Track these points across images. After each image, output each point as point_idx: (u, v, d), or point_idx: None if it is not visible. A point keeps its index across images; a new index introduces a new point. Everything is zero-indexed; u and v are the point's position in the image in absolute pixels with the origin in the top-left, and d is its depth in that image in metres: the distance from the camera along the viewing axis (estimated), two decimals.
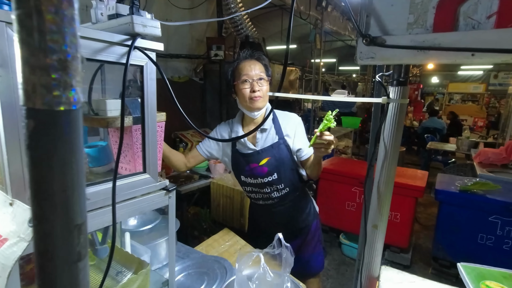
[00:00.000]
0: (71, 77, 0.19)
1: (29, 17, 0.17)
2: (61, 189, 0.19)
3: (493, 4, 0.50)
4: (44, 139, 0.18)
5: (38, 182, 0.19)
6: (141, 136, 1.00)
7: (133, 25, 0.86)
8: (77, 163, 0.20)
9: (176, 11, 3.46)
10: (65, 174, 0.19)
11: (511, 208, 2.43)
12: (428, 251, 3.25)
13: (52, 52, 0.18)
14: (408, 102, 0.70)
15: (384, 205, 0.71)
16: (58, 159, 0.19)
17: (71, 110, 0.19)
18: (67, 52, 0.18)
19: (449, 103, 11.86)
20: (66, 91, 0.19)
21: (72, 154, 0.19)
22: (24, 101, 0.18)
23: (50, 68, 0.18)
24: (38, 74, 0.18)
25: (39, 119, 0.18)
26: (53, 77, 0.18)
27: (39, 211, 0.19)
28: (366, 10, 0.61)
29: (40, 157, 0.19)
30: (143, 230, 1.68)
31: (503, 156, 3.47)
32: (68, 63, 0.18)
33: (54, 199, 0.19)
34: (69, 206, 0.20)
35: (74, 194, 0.20)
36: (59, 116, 0.19)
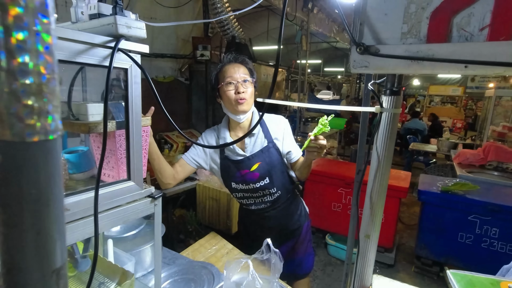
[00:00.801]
0: (46, 102, 0.16)
1: None
2: (36, 231, 0.17)
3: (486, 17, 0.50)
4: (13, 177, 0.16)
5: (8, 225, 0.16)
6: (125, 141, 0.96)
7: (116, 26, 0.81)
8: (54, 199, 0.17)
9: (161, 9, 3.38)
10: (40, 214, 0.17)
11: (489, 207, 2.53)
12: (411, 250, 3.33)
13: (23, 75, 0.15)
14: None
15: (377, 214, 0.71)
16: (31, 198, 0.16)
17: (47, 141, 0.16)
18: (42, 74, 0.16)
19: (429, 105, 12.25)
20: (41, 118, 0.16)
21: (49, 189, 0.17)
22: None
23: (21, 93, 0.15)
24: (6, 100, 0.15)
25: (7, 153, 0.15)
26: (25, 104, 0.15)
27: (9, 259, 0.16)
28: (360, 18, 0.60)
29: (8, 197, 0.16)
30: (126, 236, 1.63)
31: (481, 157, 3.60)
32: (43, 86, 0.16)
33: (27, 245, 0.16)
34: (46, 250, 0.17)
35: (52, 236, 0.17)
36: (32, 148, 0.16)
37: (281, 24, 0.66)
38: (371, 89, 0.72)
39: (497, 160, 3.50)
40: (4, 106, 0.15)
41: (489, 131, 4.50)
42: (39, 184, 0.16)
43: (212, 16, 3.63)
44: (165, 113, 0.86)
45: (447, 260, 2.80)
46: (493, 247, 2.57)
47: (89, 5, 0.87)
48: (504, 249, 2.52)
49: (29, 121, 0.16)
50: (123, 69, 0.90)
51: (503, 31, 0.49)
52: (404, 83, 0.70)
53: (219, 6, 3.48)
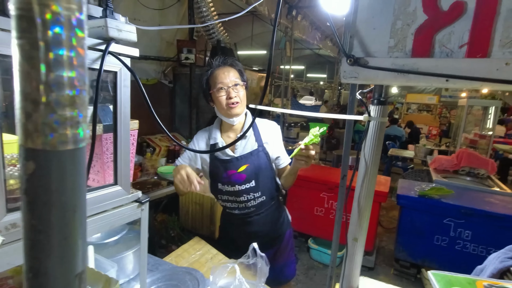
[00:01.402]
0: (78, 113, 0.17)
1: (34, 48, 0.15)
2: (62, 237, 0.17)
3: (464, 35, 0.55)
4: (44, 184, 0.16)
5: (36, 231, 0.16)
6: (113, 145, 0.94)
7: (107, 29, 0.81)
8: (81, 206, 0.18)
9: (145, 11, 3.34)
10: (67, 221, 0.17)
11: (462, 211, 2.66)
12: (390, 253, 3.43)
13: (59, 87, 0.16)
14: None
15: (364, 218, 0.74)
16: (60, 204, 0.17)
17: (76, 149, 0.17)
18: (77, 86, 0.16)
19: (407, 112, 12.73)
20: (73, 129, 0.16)
21: (76, 197, 0.17)
22: (23, 140, 0.16)
23: (56, 104, 0.16)
24: (42, 111, 0.15)
25: (40, 161, 0.16)
26: (60, 115, 0.16)
27: (36, 264, 0.16)
28: (350, 31, 0.63)
29: (38, 204, 0.16)
30: (107, 242, 1.58)
31: (454, 163, 3.78)
32: (76, 98, 0.16)
33: (53, 250, 0.17)
34: (71, 255, 0.18)
35: (76, 241, 0.18)
36: (63, 157, 0.17)
37: (272, 41, 0.68)
38: (360, 99, 0.76)
39: (469, 166, 3.69)
40: (40, 116, 0.15)
41: (462, 138, 4.74)
42: (67, 191, 0.17)
43: (197, 19, 3.63)
44: (156, 119, 0.85)
45: (424, 262, 2.91)
46: (466, 249, 2.70)
47: None
48: (476, 250, 2.66)
49: (62, 131, 0.16)
50: (112, 72, 0.88)
51: (480, 49, 0.53)
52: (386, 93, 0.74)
53: (205, 10, 3.48)
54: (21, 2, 0.14)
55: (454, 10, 0.54)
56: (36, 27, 0.15)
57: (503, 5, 0.51)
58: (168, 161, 3.41)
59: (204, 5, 3.46)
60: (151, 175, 3.11)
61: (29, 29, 0.15)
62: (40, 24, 0.15)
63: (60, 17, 0.15)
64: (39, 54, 0.15)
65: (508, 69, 0.50)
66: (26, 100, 0.15)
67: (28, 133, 0.16)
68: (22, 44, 0.15)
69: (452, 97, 11.00)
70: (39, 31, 0.15)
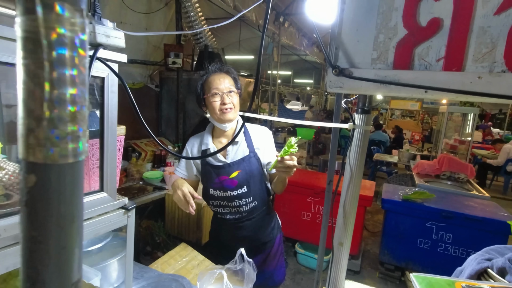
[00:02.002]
0: (78, 128, 0.17)
1: (39, 68, 0.16)
2: (60, 246, 0.18)
3: (441, 50, 0.58)
4: (44, 196, 0.17)
5: (34, 241, 0.17)
6: (99, 151, 0.93)
7: (95, 35, 0.81)
8: (78, 216, 0.18)
9: (132, 14, 3.31)
10: (65, 231, 0.18)
11: (443, 214, 2.75)
12: (375, 256, 3.49)
13: (62, 104, 0.17)
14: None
15: (349, 223, 0.76)
16: (59, 215, 0.17)
17: (76, 162, 0.18)
18: (78, 103, 0.17)
19: (391, 118, 13.07)
20: (74, 143, 0.17)
21: (74, 207, 0.18)
22: (24, 154, 0.16)
23: (59, 120, 0.17)
24: (45, 127, 0.16)
25: (41, 174, 0.17)
26: (61, 130, 0.17)
27: (34, 274, 0.17)
28: (335, 42, 0.66)
29: (38, 215, 0.17)
30: (91, 250, 1.54)
31: (436, 167, 3.91)
32: (76, 114, 0.17)
33: (51, 260, 0.17)
34: (68, 264, 0.18)
35: (73, 251, 0.18)
36: (64, 170, 0.17)
37: (260, 48, 0.70)
38: (345, 107, 0.79)
39: (450, 171, 3.82)
40: (42, 132, 0.16)
41: (443, 143, 4.91)
42: (66, 202, 0.18)
43: (185, 24, 3.62)
44: (144, 124, 0.85)
45: (408, 264, 2.98)
46: (447, 251, 2.78)
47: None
48: (457, 252, 2.75)
49: (62, 145, 0.17)
50: (99, 78, 0.88)
51: (455, 63, 0.57)
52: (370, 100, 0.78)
53: (193, 15, 3.49)
54: (28, 25, 0.15)
55: (431, 26, 0.58)
56: (42, 48, 0.15)
57: (475, 23, 0.55)
58: (154, 166, 3.36)
59: (192, 10, 3.47)
60: (136, 181, 3.06)
61: (35, 50, 0.16)
62: (46, 46, 0.15)
63: (64, 38, 0.16)
64: (44, 73, 0.16)
65: (480, 82, 0.54)
66: (29, 116, 0.16)
67: (30, 147, 0.16)
68: (27, 64, 0.16)
69: (434, 103, 11.39)
70: (44, 52, 0.16)
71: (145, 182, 3.05)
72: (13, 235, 0.63)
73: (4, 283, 0.87)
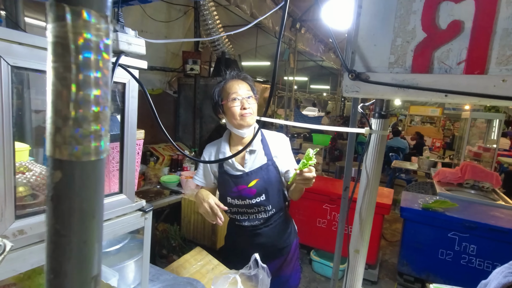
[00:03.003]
0: (101, 127, 0.18)
1: (67, 71, 0.17)
2: (82, 240, 0.19)
3: (462, 53, 0.57)
4: (68, 192, 0.18)
5: (58, 234, 0.18)
6: (119, 154, 0.96)
7: (118, 43, 0.84)
8: (99, 212, 0.19)
9: (152, 23, 3.43)
10: (87, 226, 0.19)
11: (467, 224, 2.63)
12: (394, 266, 3.38)
13: (86, 105, 0.18)
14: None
15: (366, 230, 0.75)
16: (81, 210, 0.18)
17: (98, 160, 0.19)
18: (101, 103, 0.18)
19: (410, 124, 12.73)
20: (96, 141, 0.18)
21: (95, 204, 0.19)
22: (51, 151, 0.17)
23: (83, 120, 0.18)
24: (71, 126, 0.17)
25: (66, 171, 0.18)
26: (85, 129, 0.18)
27: (57, 265, 0.18)
28: (352, 47, 0.66)
29: (63, 210, 0.18)
30: (110, 251, 1.58)
31: (458, 175, 3.76)
32: (100, 114, 0.18)
33: (73, 253, 0.18)
34: (88, 258, 0.19)
35: (93, 245, 0.19)
36: (86, 167, 0.18)
37: (276, 55, 0.71)
38: (362, 112, 0.78)
39: (473, 179, 3.66)
40: (68, 130, 0.17)
41: (465, 150, 4.72)
42: (88, 198, 0.18)
43: (203, 31, 3.71)
44: (162, 129, 0.88)
45: (428, 276, 2.86)
46: (471, 264, 2.65)
47: None
48: (482, 265, 2.62)
49: (86, 143, 0.18)
50: (121, 84, 0.91)
51: (477, 66, 0.55)
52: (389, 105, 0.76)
53: (210, 22, 3.57)
54: (58, 31, 0.16)
55: (452, 29, 0.57)
56: (70, 52, 0.17)
57: (498, 25, 0.53)
58: (171, 170, 3.42)
59: (210, 17, 3.55)
60: (154, 184, 3.12)
61: (64, 54, 0.17)
62: (74, 50, 0.17)
63: (90, 43, 0.17)
64: (71, 75, 0.17)
65: (505, 85, 0.52)
66: (57, 115, 0.17)
67: (57, 145, 0.18)
68: (56, 67, 0.17)
69: (456, 109, 11.01)
70: (72, 56, 0.17)
71: (162, 186, 3.10)
72: (38, 233, 0.66)
73: (29, 280, 0.91)
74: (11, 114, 0.66)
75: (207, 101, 3.75)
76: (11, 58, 0.63)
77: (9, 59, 0.62)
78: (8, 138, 0.65)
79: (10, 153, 0.66)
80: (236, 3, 3.51)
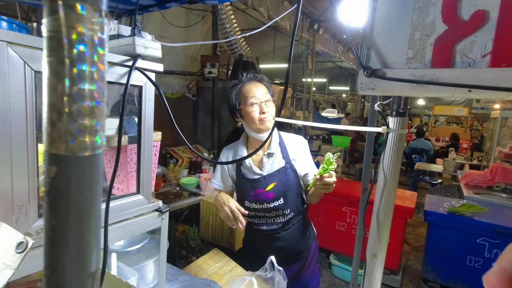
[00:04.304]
0: (97, 122, 0.18)
1: (60, 65, 0.17)
2: (78, 236, 0.18)
3: (488, 44, 0.53)
4: (64, 186, 0.18)
5: (55, 230, 0.18)
6: (136, 156, 0.99)
7: (134, 46, 0.86)
8: (96, 208, 0.19)
9: (172, 28, 3.51)
10: (83, 221, 0.19)
11: (497, 230, 2.48)
12: (418, 273, 3.24)
13: (80, 99, 0.18)
14: None
15: (384, 233, 0.72)
16: (77, 206, 0.18)
17: (94, 155, 0.19)
18: (96, 98, 0.18)
19: (434, 124, 12.24)
20: (92, 136, 0.18)
21: (92, 199, 0.19)
22: (47, 146, 0.17)
23: (77, 114, 0.18)
24: (65, 120, 0.17)
25: (61, 165, 0.18)
26: (80, 124, 0.18)
27: (53, 260, 0.18)
28: (367, 43, 0.63)
29: (59, 205, 0.18)
30: (130, 250, 1.62)
31: (488, 178, 3.56)
32: (95, 109, 0.18)
33: (69, 249, 0.18)
34: (85, 254, 0.19)
35: (90, 242, 0.19)
36: (82, 162, 0.18)
37: (290, 54, 0.69)
38: (378, 110, 0.75)
39: (504, 182, 3.46)
40: (63, 125, 0.17)
41: (495, 152, 4.46)
42: (84, 194, 0.18)
43: (220, 35, 3.75)
44: (177, 130, 0.89)
45: (456, 284, 2.72)
46: None
47: (110, 27, 0.92)
48: None
49: (81, 138, 0.18)
50: (137, 87, 0.94)
51: (505, 58, 0.51)
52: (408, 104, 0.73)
53: (228, 26, 3.60)
54: (52, 25, 0.16)
55: (476, 19, 0.53)
56: (63, 46, 0.17)
57: None
58: (190, 172, 3.47)
59: (228, 21, 3.59)
60: (173, 186, 3.18)
61: (57, 48, 0.17)
62: (67, 44, 0.17)
63: (84, 37, 0.17)
64: (65, 69, 0.17)
65: None
66: (52, 110, 0.17)
67: (53, 140, 0.18)
68: (51, 61, 0.17)
69: (484, 108, 10.47)
70: (65, 50, 0.17)
71: (182, 187, 3.15)
72: None
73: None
74: (35, 117, 0.69)
75: (225, 104, 3.77)
76: (35, 64, 0.65)
77: (32, 65, 0.65)
78: (32, 141, 0.68)
79: (34, 155, 0.69)
80: (254, 6, 3.53)
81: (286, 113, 6.50)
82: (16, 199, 0.63)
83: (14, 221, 0.66)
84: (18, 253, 0.57)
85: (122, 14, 2.22)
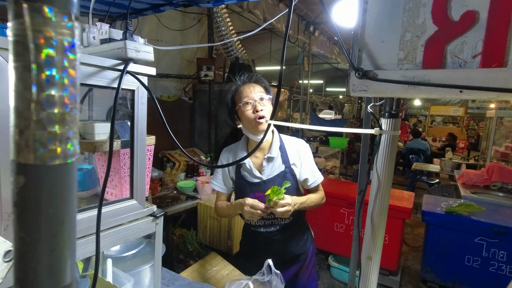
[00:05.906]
0: (68, 129, 0.18)
1: (27, 71, 0.16)
2: (49, 249, 0.18)
3: (478, 45, 0.53)
4: (33, 197, 0.17)
5: (24, 242, 0.17)
6: (130, 160, 0.98)
7: (126, 50, 0.85)
8: (69, 218, 0.18)
9: (168, 32, 3.51)
10: (55, 233, 0.18)
11: (495, 229, 2.48)
12: (416, 273, 3.24)
13: (50, 106, 0.17)
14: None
15: (378, 236, 0.71)
16: (48, 218, 0.17)
17: (66, 164, 0.18)
18: (66, 104, 0.17)
19: (431, 125, 12.28)
20: (62, 144, 0.17)
21: (64, 210, 0.18)
22: (15, 155, 0.17)
23: (47, 121, 0.17)
24: (33, 128, 0.17)
25: (30, 175, 0.17)
26: (50, 131, 0.17)
27: (23, 275, 0.17)
28: (358, 44, 0.63)
29: (28, 216, 0.17)
30: (125, 256, 1.60)
31: (484, 177, 3.57)
32: (65, 115, 0.17)
33: (40, 262, 0.17)
34: (58, 267, 0.18)
35: (64, 254, 0.18)
36: (53, 171, 0.17)
37: (283, 50, 0.69)
38: (370, 112, 0.75)
39: (501, 181, 3.47)
40: (31, 133, 0.17)
41: (492, 151, 4.48)
42: (56, 204, 0.18)
43: (216, 38, 3.75)
44: (170, 134, 0.88)
45: (454, 284, 2.72)
46: (501, 271, 2.49)
47: (101, 31, 0.92)
48: None
49: (51, 146, 0.17)
50: (130, 90, 0.93)
51: (495, 58, 0.51)
52: (405, 104, 0.73)
53: (224, 29, 3.61)
54: (16, 29, 0.16)
55: (465, 20, 0.53)
56: (29, 51, 0.16)
57: None
58: (187, 175, 3.46)
59: (223, 24, 3.59)
60: (170, 190, 3.16)
61: (23, 53, 0.16)
62: (33, 48, 0.16)
63: (52, 41, 0.16)
64: (31, 75, 0.16)
65: None
66: (19, 117, 0.17)
67: (20, 148, 0.17)
68: (17, 66, 0.16)
69: (480, 108, 10.52)
70: (32, 55, 0.16)
71: (179, 191, 3.14)
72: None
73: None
74: None
75: (222, 107, 3.78)
76: None
77: None
78: None
79: None
80: (249, 9, 3.53)
81: (283, 115, 6.50)
82: (4, 207, 0.62)
83: (3, 229, 0.65)
84: (6, 262, 0.56)
85: (116, 18, 2.21)
